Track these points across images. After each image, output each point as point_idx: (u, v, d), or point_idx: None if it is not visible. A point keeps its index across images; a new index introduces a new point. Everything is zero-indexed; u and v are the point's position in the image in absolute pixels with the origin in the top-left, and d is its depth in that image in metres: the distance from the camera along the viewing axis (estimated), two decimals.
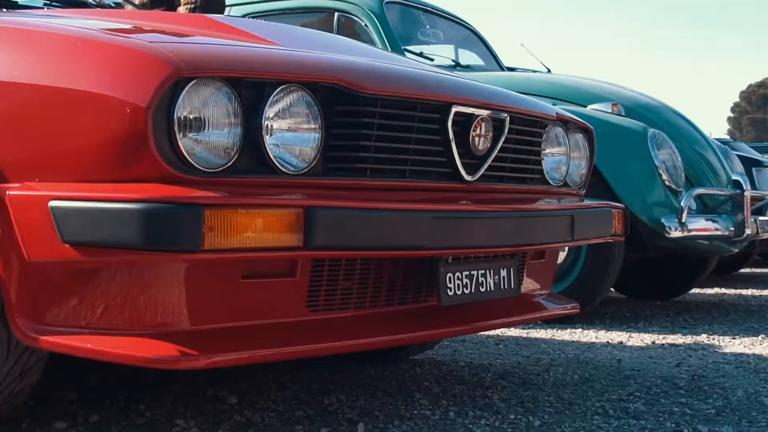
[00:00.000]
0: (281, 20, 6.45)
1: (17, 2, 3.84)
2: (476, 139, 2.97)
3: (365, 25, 6.50)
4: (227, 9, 6.97)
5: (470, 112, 2.94)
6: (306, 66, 2.64)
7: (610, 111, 5.81)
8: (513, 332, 5.21)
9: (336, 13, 6.66)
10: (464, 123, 2.94)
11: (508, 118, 3.09)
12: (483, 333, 5.03)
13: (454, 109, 2.88)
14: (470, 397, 3.46)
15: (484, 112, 2.98)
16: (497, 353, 4.52)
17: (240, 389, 3.47)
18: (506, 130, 3.09)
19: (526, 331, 5.28)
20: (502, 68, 7.26)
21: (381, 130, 2.70)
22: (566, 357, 4.43)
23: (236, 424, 3.04)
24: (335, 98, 2.61)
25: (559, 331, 5.31)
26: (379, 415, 3.16)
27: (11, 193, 2.46)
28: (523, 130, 3.22)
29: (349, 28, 6.54)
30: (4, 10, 3.66)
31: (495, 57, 7.37)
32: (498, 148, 3.06)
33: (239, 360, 2.50)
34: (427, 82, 2.97)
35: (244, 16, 6.76)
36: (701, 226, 5.60)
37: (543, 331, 5.30)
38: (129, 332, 2.44)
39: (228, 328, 2.51)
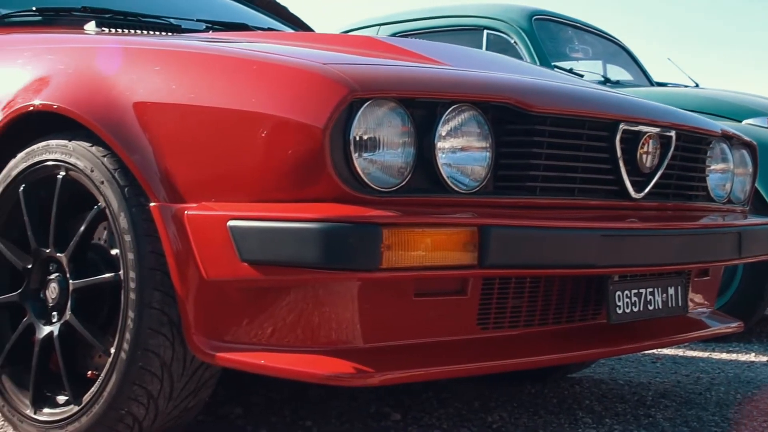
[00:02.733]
0: (430, 39, 6.48)
1: (180, 26, 3.93)
2: (643, 156, 2.95)
3: (514, 42, 6.49)
4: (376, 28, 7.05)
5: (638, 129, 2.92)
6: (477, 85, 2.65)
7: (767, 125, 5.70)
8: (668, 351, 5.14)
9: (485, 31, 6.67)
10: (631, 140, 2.92)
11: (674, 134, 3.06)
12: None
13: (622, 127, 2.87)
14: (633, 416, 3.43)
15: (651, 129, 2.96)
16: (655, 372, 4.47)
17: (402, 406, 3.49)
18: (673, 147, 3.06)
19: (681, 349, 5.20)
20: (651, 83, 7.18)
21: (550, 149, 2.70)
22: (726, 376, 4.35)
23: None
24: (505, 117, 2.62)
25: (716, 349, 5.23)
26: None
27: (190, 213, 2.52)
28: (689, 147, 3.19)
29: (498, 45, 6.53)
30: (170, 34, 3.76)
31: (644, 72, 7.30)
32: (665, 165, 3.04)
33: (412, 377, 2.53)
34: (594, 99, 2.96)
35: (393, 35, 6.81)
36: None
37: (699, 349, 5.22)
38: (302, 349, 2.48)
39: (400, 345, 2.53)
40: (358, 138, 2.37)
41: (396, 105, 2.42)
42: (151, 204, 2.59)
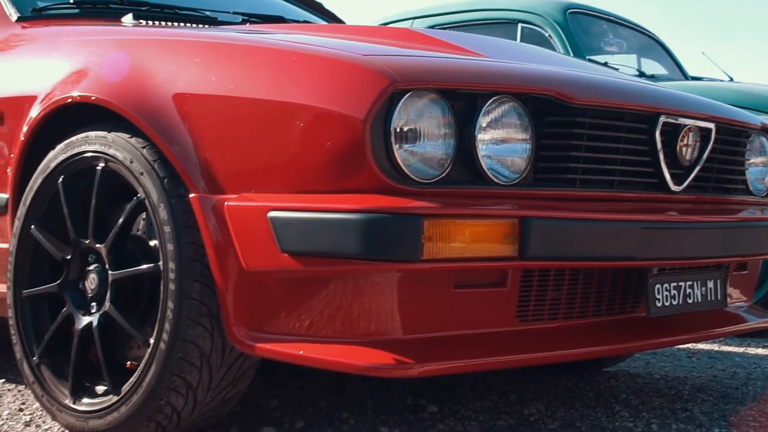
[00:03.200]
0: (465, 32, 6.47)
1: (217, 18, 3.94)
2: (683, 149, 2.94)
3: (549, 35, 6.47)
4: (410, 22, 7.04)
5: (678, 122, 2.91)
6: (517, 77, 2.64)
7: None
8: (703, 345, 5.12)
9: (519, 24, 6.65)
10: (671, 133, 2.91)
11: (714, 127, 3.05)
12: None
13: (662, 119, 2.85)
14: (670, 410, 3.41)
15: (691, 122, 2.94)
16: (690, 366, 4.45)
17: (438, 398, 3.49)
18: (712, 140, 3.05)
19: (717, 344, 5.18)
20: (686, 77, 7.15)
21: (590, 141, 2.69)
22: (763, 371, 4.33)
23: None
24: (545, 109, 2.61)
25: (752, 344, 5.20)
26: (581, 426, 3.14)
27: (230, 204, 2.52)
28: (729, 140, 3.17)
29: (532, 38, 6.51)
30: (206, 26, 3.77)
31: (679, 66, 7.27)
32: (704, 158, 3.02)
33: (452, 369, 2.52)
34: (634, 92, 2.94)
35: (427, 28, 6.80)
36: None
37: (735, 344, 5.20)
38: (341, 340, 2.48)
39: (439, 337, 2.53)
40: (398, 129, 2.36)
41: (437, 96, 2.42)
42: (191, 195, 2.60)
